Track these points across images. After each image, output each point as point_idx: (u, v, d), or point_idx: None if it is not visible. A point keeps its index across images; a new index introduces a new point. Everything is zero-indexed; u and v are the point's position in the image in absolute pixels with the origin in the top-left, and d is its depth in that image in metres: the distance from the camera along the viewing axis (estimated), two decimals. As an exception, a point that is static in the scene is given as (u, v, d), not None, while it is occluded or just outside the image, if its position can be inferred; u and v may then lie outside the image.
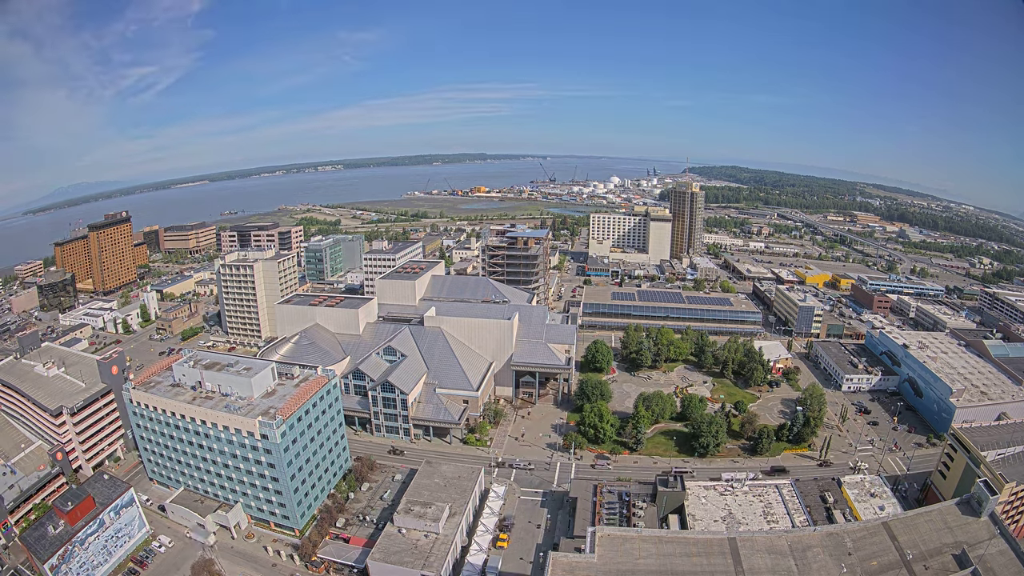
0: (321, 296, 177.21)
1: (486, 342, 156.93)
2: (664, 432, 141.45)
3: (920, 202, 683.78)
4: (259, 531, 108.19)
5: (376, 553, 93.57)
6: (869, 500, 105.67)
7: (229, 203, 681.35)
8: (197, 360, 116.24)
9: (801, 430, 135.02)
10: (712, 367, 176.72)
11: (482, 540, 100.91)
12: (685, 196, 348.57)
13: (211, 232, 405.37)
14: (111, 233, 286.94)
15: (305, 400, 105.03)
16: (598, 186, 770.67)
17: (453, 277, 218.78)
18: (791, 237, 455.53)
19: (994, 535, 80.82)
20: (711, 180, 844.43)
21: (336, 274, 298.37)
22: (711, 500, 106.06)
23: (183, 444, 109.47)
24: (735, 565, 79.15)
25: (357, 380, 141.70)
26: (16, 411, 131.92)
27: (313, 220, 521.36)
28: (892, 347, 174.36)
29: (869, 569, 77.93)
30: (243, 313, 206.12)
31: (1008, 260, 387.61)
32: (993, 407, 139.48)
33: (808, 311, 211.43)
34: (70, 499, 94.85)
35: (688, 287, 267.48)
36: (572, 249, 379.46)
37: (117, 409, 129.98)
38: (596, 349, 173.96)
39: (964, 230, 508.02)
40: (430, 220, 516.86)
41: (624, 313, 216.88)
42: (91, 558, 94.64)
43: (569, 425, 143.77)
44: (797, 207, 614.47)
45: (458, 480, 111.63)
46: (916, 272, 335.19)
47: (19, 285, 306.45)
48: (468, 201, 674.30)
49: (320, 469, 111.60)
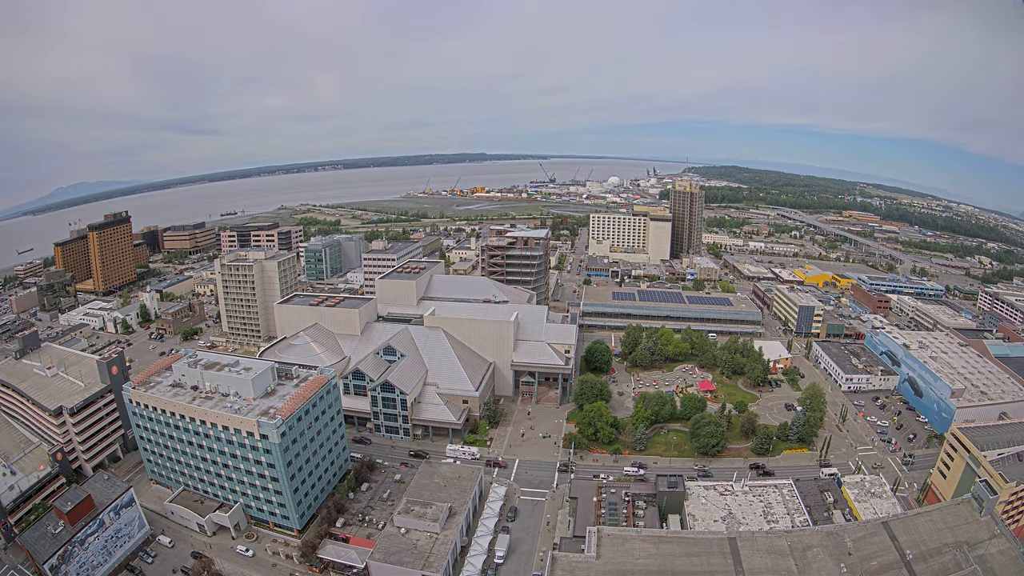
0: (321, 296, 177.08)
1: (486, 342, 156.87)
2: (664, 432, 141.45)
3: (920, 202, 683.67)
4: (259, 531, 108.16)
5: (376, 553, 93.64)
6: (869, 500, 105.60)
7: (229, 203, 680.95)
8: (197, 360, 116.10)
9: (801, 430, 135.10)
10: (712, 367, 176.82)
11: (482, 540, 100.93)
12: (685, 196, 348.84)
13: (211, 232, 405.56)
14: (111, 233, 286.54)
15: (305, 400, 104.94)
16: (598, 186, 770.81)
17: (453, 277, 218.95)
18: (791, 237, 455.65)
19: (994, 535, 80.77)
20: (711, 180, 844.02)
21: (336, 274, 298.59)
22: (711, 500, 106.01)
23: (183, 444, 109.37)
24: (735, 565, 79.20)
25: (357, 380, 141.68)
26: (16, 411, 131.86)
27: (313, 220, 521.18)
28: (892, 347, 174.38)
29: (869, 569, 77.90)
30: (243, 313, 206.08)
31: (1008, 260, 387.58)
32: (993, 407, 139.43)
33: (808, 311, 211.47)
34: (70, 499, 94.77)
35: (688, 287, 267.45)
36: (572, 249, 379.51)
37: (117, 409, 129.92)
38: (596, 349, 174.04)
39: (964, 230, 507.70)
40: (430, 220, 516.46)
41: (624, 313, 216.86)
42: (91, 558, 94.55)
43: (569, 425, 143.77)
44: (797, 207, 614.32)
45: (458, 480, 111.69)
46: (916, 272, 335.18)
47: (19, 285, 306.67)
48: (468, 201, 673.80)
49: (320, 469, 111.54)
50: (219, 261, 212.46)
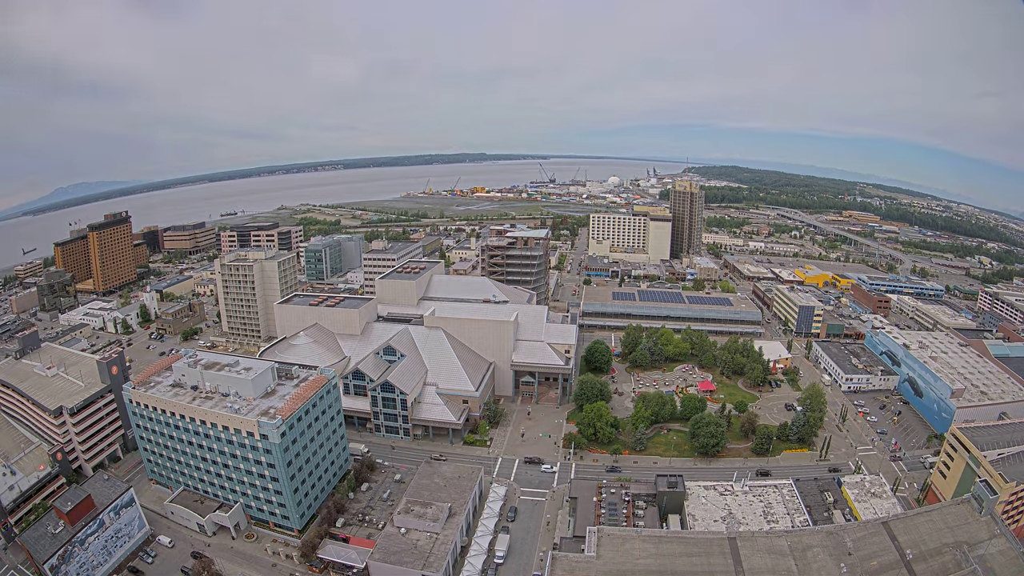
0: (321, 296, 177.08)
1: (486, 342, 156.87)
2: (664, 432, 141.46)
3: (920, 202, 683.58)
4: (259, 531, 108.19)
5: (376, 553, 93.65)
6: (869, 500, 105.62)
7: (229, 203, 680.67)
8: (197, 360, 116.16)
9: (801, 430, 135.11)
10: (712, 367, 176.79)
11: (482, 540, 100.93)
12: (685, 196, 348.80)
13: (211, 232, 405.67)
14: (111, 233, 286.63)
15: (305, 400, 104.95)
16: (598, 186, 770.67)
17: (453, 277, 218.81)
18: (791, 237, 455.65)
19: (994, 535, 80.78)
20: (711, 180, 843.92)
21: (336, 274, 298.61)
22: (711, 500, 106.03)
23: (183, 444, 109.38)
24: (735, 565, 79.22)
25: (357, 380, 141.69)
26: (16, 411, 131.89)
27: (313, 220, 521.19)
28: (892, 347, 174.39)
29: (869, 569, 77.91)
30: (243, 313, 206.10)
31: (1008, 260, 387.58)
32: (993, 407, 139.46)
33: (808, 311, 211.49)
34: (70, 499, 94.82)
35: (688, 287, 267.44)
36: (572, 249, 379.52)
37: (117, 409, 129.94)
38: (596, 349, 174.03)
39: (964, 230, 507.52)
40: (430, 220, 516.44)
41: (624, 313, 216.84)
42: (91, 558, 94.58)
43: (569, 425, 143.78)
44: (797, 207, 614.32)
45: (458, 480, 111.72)
46: (916, 272, 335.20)
47: (19, 285, 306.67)
48: (468, 201, 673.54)
49: (320, 469, 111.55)
50: (219, 261, 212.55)
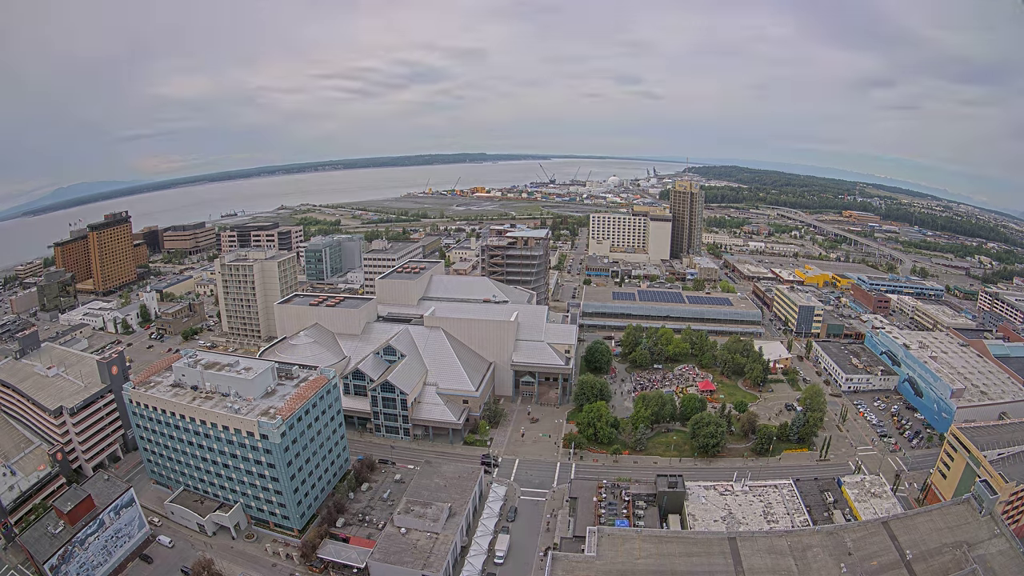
0: (321, 296, 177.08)
1: (486, 342, 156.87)
2: (664, 432, 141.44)
3: (920, 202, 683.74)
4: (259, 531, 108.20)
5: (376, 553, 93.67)
6: (869, 500, 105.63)
7: (229, 203, 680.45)
8: (197, 360, 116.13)
9: (801, 430, 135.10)
10: (712, 367, 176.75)
11: (482, 540, 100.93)
12: (685, 196, 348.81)
13: (211, 232, 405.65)
14: (111, 233, 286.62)
15: (305, 400, 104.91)
16: (598, 186, 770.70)
17: (453, 277, 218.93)
18: (791, 237, 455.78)
19: (994, 535, 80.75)
20: (711, 180, 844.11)
21: (336, 274, 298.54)
22: (711, 500, 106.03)
23: (183, 444, 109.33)
24: (735, 565, 79.21)
25: (357, 380, 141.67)
26: (16, 411, 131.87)
27: (313, 220, 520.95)
28: (892, 347, 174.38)
29: (869, 569, 77.89)
30: (243, 313, 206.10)
31: (1008, 260, 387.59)
32: (993, 407, 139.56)
33: (808, 311, 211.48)
34: (70, 499, 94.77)
35: (688, 287, 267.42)
36: (572, 249, 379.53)
37: (117, 409, 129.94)
38: (596, 349, 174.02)
39: (964, 230, 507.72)
40: (430, 220, 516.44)
41: (624, 313, 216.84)
42: (91, 558, 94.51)
43: (569, 425, 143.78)
44: (797, 207, 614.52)
45: (458, 480, 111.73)
46: (916, 272, 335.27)
47: (19, 285, 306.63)
48: (468, 201, 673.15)
49: (320, 469, 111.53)
50: (219, 261, 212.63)
